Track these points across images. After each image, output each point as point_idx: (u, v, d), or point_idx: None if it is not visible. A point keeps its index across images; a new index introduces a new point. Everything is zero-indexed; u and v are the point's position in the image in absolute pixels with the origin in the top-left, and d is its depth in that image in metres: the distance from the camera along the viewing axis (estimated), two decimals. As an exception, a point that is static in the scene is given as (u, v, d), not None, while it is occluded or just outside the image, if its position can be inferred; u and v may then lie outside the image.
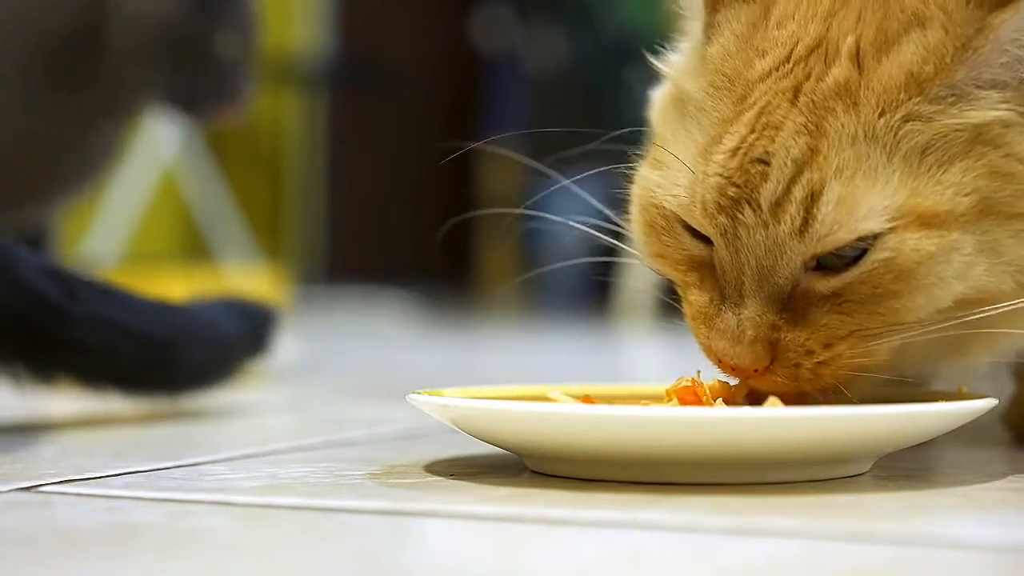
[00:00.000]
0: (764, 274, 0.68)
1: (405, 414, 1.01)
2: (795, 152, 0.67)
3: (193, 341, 1.05)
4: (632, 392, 0.79)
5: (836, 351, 0.68)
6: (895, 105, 0.67)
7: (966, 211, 0.67)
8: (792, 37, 0.70)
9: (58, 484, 0.70)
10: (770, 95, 0.69)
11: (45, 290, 0.92)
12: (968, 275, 0.67)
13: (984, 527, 0.60)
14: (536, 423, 0.68)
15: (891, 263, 0.66)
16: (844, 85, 0.68)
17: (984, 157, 0.67)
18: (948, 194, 0.67)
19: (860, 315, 0.68)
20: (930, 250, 0.66)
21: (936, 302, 0.68)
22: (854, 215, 0.66)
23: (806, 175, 0.67)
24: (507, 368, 1.88)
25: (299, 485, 0.70)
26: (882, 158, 0.67)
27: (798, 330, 0.68)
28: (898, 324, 0.68)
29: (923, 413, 0.68)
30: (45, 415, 1.07)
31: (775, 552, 0.54)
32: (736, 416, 0.66)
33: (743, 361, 0.69)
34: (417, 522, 0.62)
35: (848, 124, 0.67)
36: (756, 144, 0.68)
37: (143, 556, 0.54)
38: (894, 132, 0.67)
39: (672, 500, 0.64)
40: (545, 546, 0.56)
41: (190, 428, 0.98)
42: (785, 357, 0.68)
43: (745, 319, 0.68)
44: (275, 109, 3.90)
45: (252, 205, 3.57)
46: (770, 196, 0.67)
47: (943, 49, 0.67)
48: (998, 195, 0.67)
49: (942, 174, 0.67)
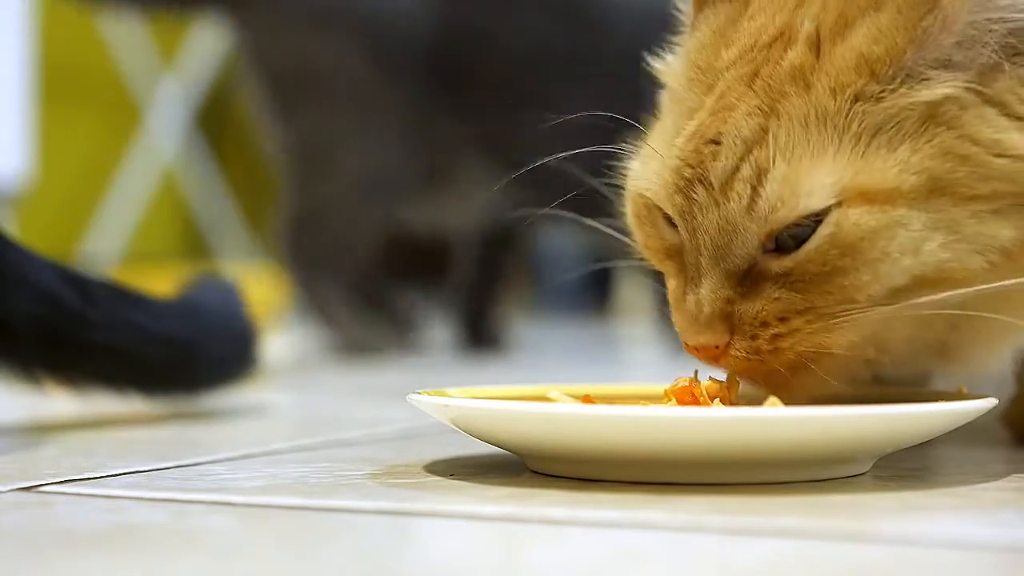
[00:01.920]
0: (719, 253, 0.69)
1: (405, 414, 1.01)
2: (745, 132, 0.68)
3: (211, 338, 1.06)
4: (632, 392, 0.79)
5: (793, 325, 0.69)
6: (845, 86, 0.68)
7: (913, 189, 0.67)
8: (760, 28, 0.72)
9: (58, 484, 0.70)
10: (731, 81, 0.70)
11: (62, 294, 0.92)
12: (920, 251, 0.67)
13: (984, 527, 0.60)
14: (536, 423, 0.68)
15: (835, 238, 0.67)
16: (798, 68, 0.69)
17: (937, 137, 0.68)
18: (894, 172, 0.67)
19: (812, 294, 0.68)
20: (872, 225, 0.67)
21: (884, 278, 0.68)
22: (798, 192, 0.67)
23: (755, 154, 0.68)
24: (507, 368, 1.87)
25: (299, 485, 0.70)
26: (832, 138, 0.67)
27: (751, 302, 0.69)
28: (850, 303, 0.68)
29: (923, 413, 0.68)
30: (45, 415, 1.07)
31: (775, 552, 0.54)
32: (736, 416, 0.66)
33: (702, 338, 0.70)
34: (417, 522, 0.62)
35: (800, 106, 0.68)
36: (711, 126, 0.70)
37: (143, 556, 0.54)
38: (844, 113, 0.68)
39: (672, 500, 0.64)
40: (545, 546, 0.56)
41: (190, 428, 0.98)
42: (741, 330, 0.69)
43: (702, 297, 0.70)
44: (275, 109, 3.89)
45: (252, 205, 3.57)
46: (720, 175, 0.69)
47: (894, 30, 0.68)
48: (952, 176, 0.67)
49: (890, 153, 0.67)
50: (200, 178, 3.33)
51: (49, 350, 0.93)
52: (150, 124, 3.22)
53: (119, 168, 3.19)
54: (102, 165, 3.21)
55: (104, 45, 3.15)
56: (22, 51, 2.83)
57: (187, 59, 3.26)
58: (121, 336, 0.97)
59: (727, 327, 0.69)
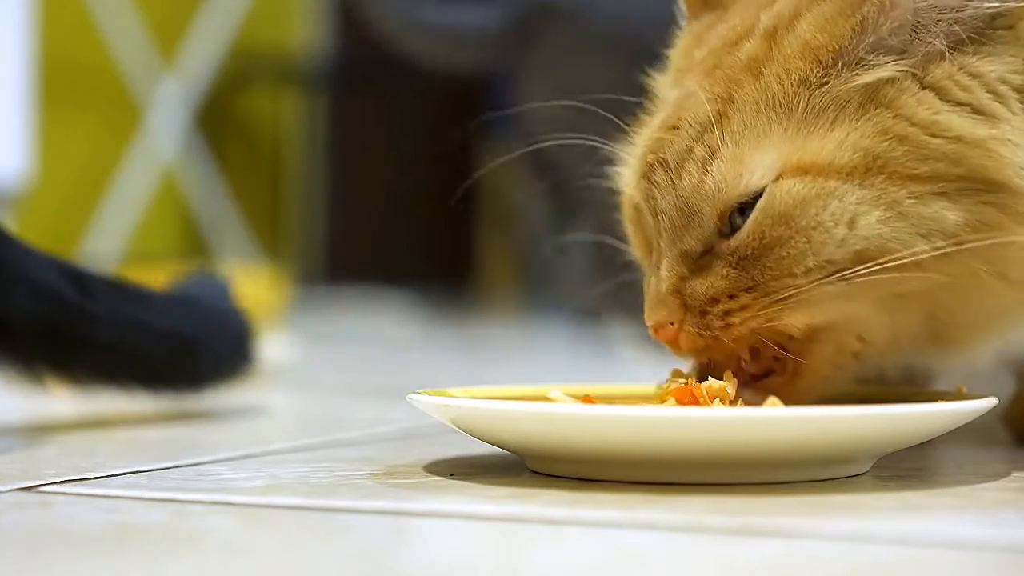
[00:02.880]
0: (677, 233, 0.72)
1: (405, 414, 1.01)
2: (701, 116, 0.72)
3: (211, 333, 1.05)
4: (632, 392, 0.79)
5: (741, 301, 0.71)
6: (791, 73, 0.71)
7: (848, 164, 0.69)
8: (729, 28, 0.76)
9: (58, 484, 0.70)
10: (696, 75, 0.74)
11: (62, 290, 0.92)
12: (856, 223, 0.69)
13: (984, 527, 0.60)
14: (536, 423, 0.68)
15: (768, 208, 0.70)
16: (753, 59, 0.72)
17: (875, 118, 0.70)
18: (829, 148, 0.70)
19: (755, 270, 0.70)
20: (804, 193, 0.69)
21: (819, 248, 0.69)
22: (742, 171, 0.70)
23: (707, 136, 0.71)
24: (507, 368, 1.87)
25: (299, 485, 0.70)
26: (779, 122, 0.70)
27: (701, 279, 0.71)
28: (790, 276, 0.70)
29: (923, 413, 0.68)
30: (45, 415, 1.07)
31: (775, 552, 0.54)
32: (736, 416, 0.66)
33: (659, 315, 0.72)
34: (417, 522, 0.62)
35: (751, 93, 0.71)
36: (673, 114, 0.74)
37: (143, 556, 0.54)
38: (790, 98, 0.71)
39: (672, 500, 0.64)
40: (545, 546, 0.56)
41: (190, 428, 0.98)
42: (693, 306, 0.71)
43: (661, 277, 0.72)
44: (275, 109, 3.89)
45: (252, 205, 3.57)
46: (676, 156, 0.72)
47: (837, 18, 0.71)
48: (890, 155, 0.69)
49: (829, 132, 0.70)
50: (200, 178, 3.33)
51: (50, 346, 0.93)
52: (150, 124, 3.21)
53: (119, 168, 3.19)
54: (102, 165, 3.20)
55: (104, 45, 3.15)
56: (22, 51, 2.83)
57: (187, 59, 3.26)
58: (122, 331, 0.96)
59: (680, 303, 0.72)
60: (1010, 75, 0.70)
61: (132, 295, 0.99)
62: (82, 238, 3.08)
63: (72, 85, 3.15)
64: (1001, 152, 0.69)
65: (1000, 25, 0.70)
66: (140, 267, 2.33)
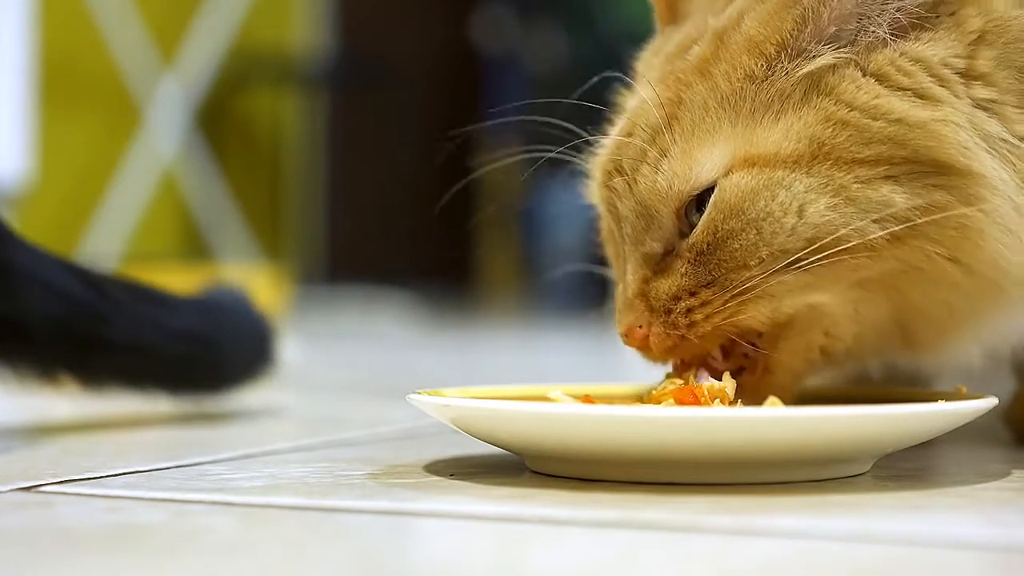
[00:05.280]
0: (637, 236, 0.74)
1: (405, 414, 1.01)
2: (652, 120, 0.73)
3: (231, 335, 1.05)
4: (632, 392, 0.79)
5: (702, 297, 0.72)
6: (737, 69, 0.72)
7: (793, 153, 0.70)
8: (684, 35, 0.77)
9: (58, 484, 0.70)
10: (651, 81, 0.75)
11: (77, 292, 0.92)
12: (804, 211, 0.70)
13: (984, 527, 0.60)
14: (536, 423, 0.68)
15: (719, 202, 0.71)
16: (701, 60, 0.74)
17: (818, 106, 0.71)
18: (775, 138, 0.71)
19: (711, 265, 0.71)
20: (752, 185, 0.70)
21: (770, 238, 0.70)
22: (692, 166, 0.71)
23: (659, 139, 0.73)
24: (507, 368, 1.88)
25: (299, 485, 0.70)
26: (728, 118, 0.72)
27: (663, 279, 0.73)
28: (744, 268, 0.71)
29: (923, 413, 0.68)
30: (45, 415, 1.07)
31: (775, 552, 0.54)
32: (736, 416, 0.66)
33: (627, 320, 0.74)
34: (417, 522, 0.62)
35: (700, 92, 0.72)
36: (628, 122, 0.75)
37: (143, 556, 0.54)
38: (737, 94, 0.72)
39: (672, 500, 0.64)
40: (545, 546, 0.56)
41: (190, 428, 0.98)
42: (657, 307, 0.73)
43: (627, 283, 0.74)
44: (275, 109, 3.89)
45: (252, 205, 3.57)
46: (630, 161, 0.74)
47: (778, 11, 0.72)
48: (834, 141, 0.70)
49: (775, 124, 0.71)
50: (200, 178, 3.33)
51: (67, 348, 0.92)
52: (150, 124, 3.21)
53: (119, 168, 3.19)
54: (102, 165, 3.21)
55: (104, 45, 3.15)
56: (22, 51, 2.83)
57: (187, 59, 3.26)
58: (139, 332, 0.96)
59: (646, 306, 0.73)
60: (952, 59, 0.71)
61: (148, 296, 0.99)
62: (82, 238, 3.08)
63: (72, 85, 3.15)
64: (944, 132, 0.69)
65: (943, 11, 0.71)
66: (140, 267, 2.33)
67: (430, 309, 3.34)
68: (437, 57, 4.70)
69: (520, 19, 4.51)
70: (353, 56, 4.12)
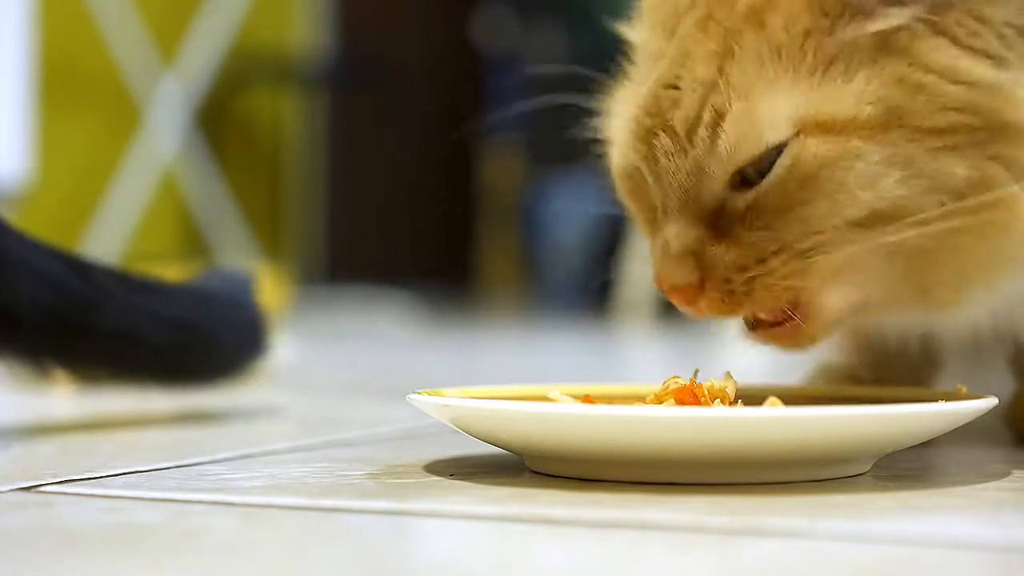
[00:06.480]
0: (688, 196, 0.71)
1: (405, 414, 1.01)
2: (702, 75, 0.70)
3: (224, 323, 1.05)
4: (632, 392, 0.79)
5: (769, 267, 0.70)
6: (797, 22, 0.69)
7: (870, 119, 0.68)
8: None
9: (58, 484, 0.70)
10: (688, 26, 0.72)
11: (67, 279, 0.91)
12: (877, 185, 0.68)
13: (984, 527, 0.60)
14: (536, 423, 0.68)
15: (794, 170, 0.68)
16: (752, 8, 0.70)
17: (890, 66, 0.68)
18: (850, 102, 0.68)
19: (776, 228, 0.69)
20: (830, 155, 0.68)
21: (842, 211, 0.68)
22: (757, 127, 0.68)
23: (713, 97, 0.69)
24: (507, 368, 1.88)
25: (299, 485, 0.70)
26: (787, 71, 0.69)
27: (724, 246, 0.70)
28: (813, 237, 0.69)
29: (923, 413, 0.68)
30: (45, 415, 1.07)
31: (775, 552, 0.54)
32: (736, 416, 0.66)
33: (672, 276, 0.71)
34: (417, 522, 0.62)
35: (754, 43, 0.69)
36: (669, 71, 0.71)
37: (143, 556, 0.54)
38: (798, 47, 0.69)
39: (672, 500, 0.64)
40: (545, 546, 0.56)
41: (190, 428, 0.98)
42: (715, 273, 0.70)
43: (671, 235, 0.71)
44: (275, 109, 3.90)
45: (252, 205, 3.57)
46: (683, 121, 0.70)
47: None
48: (908, 106, 0.68)
49: (846, 83, 0.68)
50: (200, 178, 3.33)
51: (56, 336, 0.91)
52: (150, 124, 3.22)
53: (119, 168, 3.19)
54: (102, 165, 3.21)
55: (104, 45, 3.15)
56: (22, 51, 2.83)
57: (187, 59, 3.26)
58: (129, 320, 0.94)
59: (696, 267, 0.71)
60: (1014, 18, 0.69)
61: (139, 284, 0.98)
62: (82, 238, 3.08)
63: (72, 85, 3.15)
64: (1018, 94, 0.68)
65: None
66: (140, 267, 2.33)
67: (430, 309, 3.34)
68: (437, 57, 4.70)
69: (520, 19, 4.52)
70: (353, 56, 4.12)
